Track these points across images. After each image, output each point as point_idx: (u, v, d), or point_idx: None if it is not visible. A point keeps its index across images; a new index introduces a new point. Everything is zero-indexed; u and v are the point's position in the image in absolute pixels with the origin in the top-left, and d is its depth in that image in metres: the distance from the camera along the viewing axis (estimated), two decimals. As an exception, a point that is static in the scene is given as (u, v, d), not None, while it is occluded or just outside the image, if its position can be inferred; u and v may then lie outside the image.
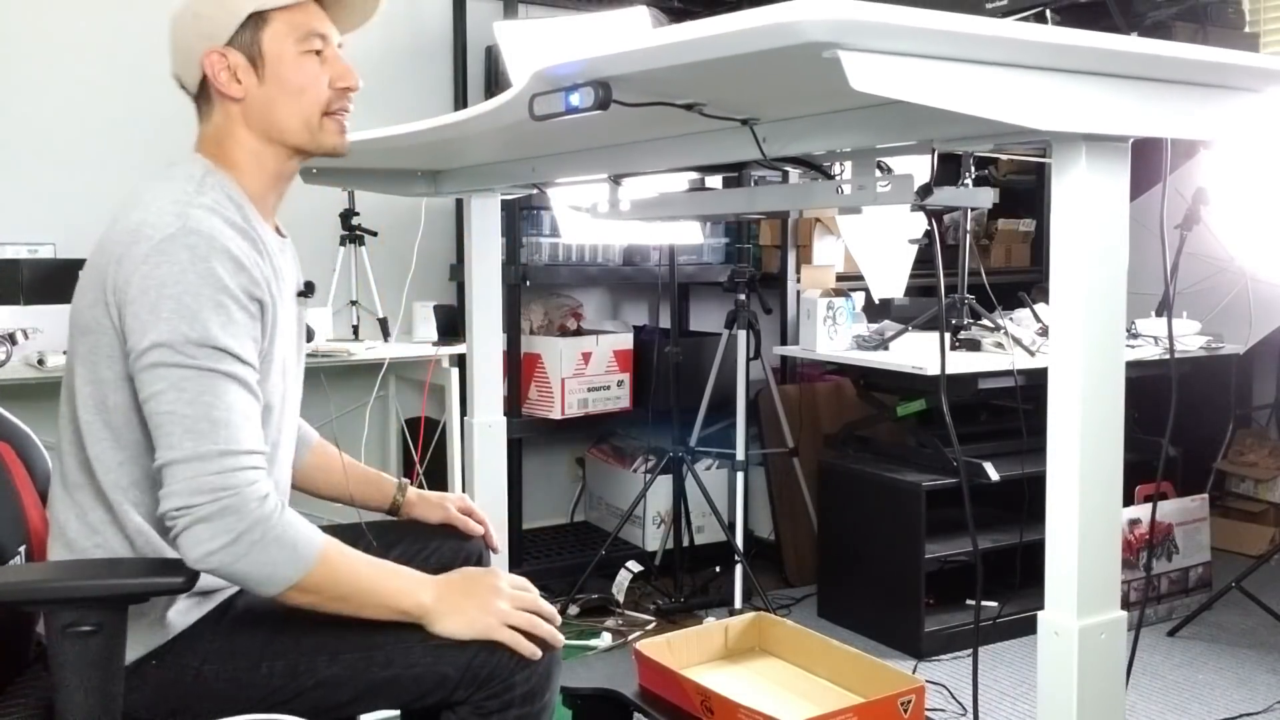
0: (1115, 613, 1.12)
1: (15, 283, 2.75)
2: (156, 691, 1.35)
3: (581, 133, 1.53)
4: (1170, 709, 2.60)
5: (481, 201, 2.15)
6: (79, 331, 1.35)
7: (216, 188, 1.39)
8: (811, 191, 1.59)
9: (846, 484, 3.19)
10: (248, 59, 1.41)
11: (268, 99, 1.42)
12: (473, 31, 3.52)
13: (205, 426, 1.25)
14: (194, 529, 1.23)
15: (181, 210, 1.31)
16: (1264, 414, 4.03)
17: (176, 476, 1.24)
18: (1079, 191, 1.08)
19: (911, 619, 2.92)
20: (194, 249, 1.28)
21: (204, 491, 1.23)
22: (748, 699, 1.85)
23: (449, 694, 1.38)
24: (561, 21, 1.89)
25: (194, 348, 1.26)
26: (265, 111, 1.42)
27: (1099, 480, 1.10)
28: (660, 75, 1.09)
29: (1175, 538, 3.20)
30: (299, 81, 1.42)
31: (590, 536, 3.67)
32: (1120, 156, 1.09)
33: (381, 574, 1.38)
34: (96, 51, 3.05)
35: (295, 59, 1.42)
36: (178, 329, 1.26)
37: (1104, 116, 1.05)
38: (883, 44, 0.90)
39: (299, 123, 1.43)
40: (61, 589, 1.21)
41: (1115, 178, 1.09)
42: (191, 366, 1.26)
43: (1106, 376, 1.11)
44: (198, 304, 1.27)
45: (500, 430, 2.20)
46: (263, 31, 1.41)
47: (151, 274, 1.27)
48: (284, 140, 1.44)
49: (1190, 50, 1.06)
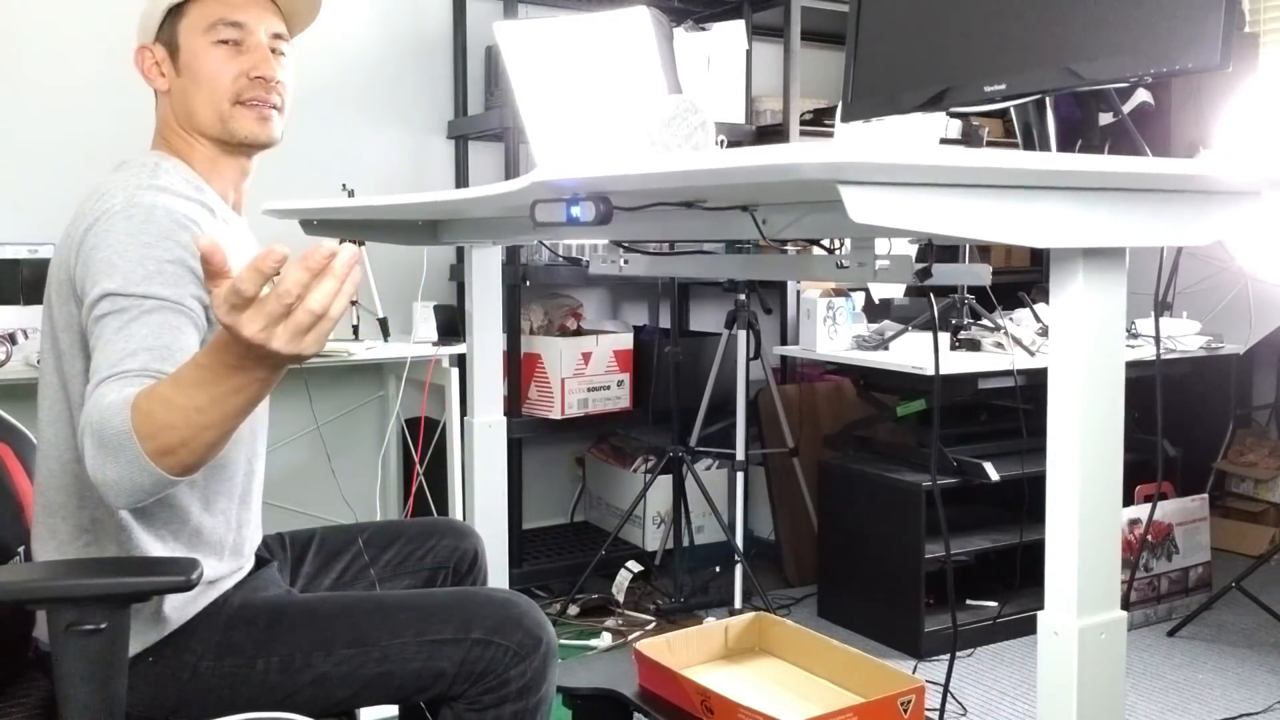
0: (1115, 613, 1.12)
1: (15, 283, 2.76)
2: (154, 689, 1.35)
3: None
4: (1170, 709, 2.60)
5: (482, 251, 2.16)
6: (60, 328, 1.36)
7: (172, 172, 1.43)
8: (811, 265, 1.64)
9: (846, 484, 3.19)
10: (168, 51, 1.47)
11: (183, 90, 1.47)
12: (473, 31, 3.52)
13: (99, 360, 1.22)
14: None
15: (131, 192, 1.34)
16: (1264, 414, 4.04)
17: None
18: (1078, 302, 1.08)
19: (911, 619, 2.92)
20: (131, 218, 1.31)
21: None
22: (748, 699, 1.85)
23: (445, 689, 1.39)
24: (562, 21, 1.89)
25: (121, 298, 1.25)
26: (182, 103, 1.48)
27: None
28: (662, 188, 1.11)
29: (1175, 538, 3.20)
30: (206, 71, 1.46)
31: (590, 536, 3.67)
32: (1117, 263, 1.10)
33: (185, 392, 1.13)
34: (97, 51, 3.05)
35: (205, 49, 1.46)
36: (112, 280, 1.26)
37: (1102, 231, 1.05)
38: (881, 178, 0.92)
39: (210, 112, 1.46)
40: (64, 588, 1.21)
41: (1113, 283, 1.10)
42: (114, 312, 1.25)
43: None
44: (125, 260, 1.27)
45: (500, 430, 2.20)
46: (179, 24, 1.47)
47: (97, 244, 1.29)
48: (201, 131, 1.48)
49: (1189, 165, 1.06)
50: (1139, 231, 1.08)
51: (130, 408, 1.12)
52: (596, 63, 1.87)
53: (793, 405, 3.54)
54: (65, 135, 3.03)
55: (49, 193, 2.97)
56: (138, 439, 1.11)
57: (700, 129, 1.74)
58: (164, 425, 1.11)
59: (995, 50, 1.38)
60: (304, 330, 1.03)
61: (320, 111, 3.32)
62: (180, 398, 1.11)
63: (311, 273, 1.02)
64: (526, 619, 1.43)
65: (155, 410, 1.11)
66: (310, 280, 1.02)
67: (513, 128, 3.14)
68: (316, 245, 1.02)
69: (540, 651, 1.42)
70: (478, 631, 1.40)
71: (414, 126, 3.54)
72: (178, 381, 1.12)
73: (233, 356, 1.08)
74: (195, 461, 1.14)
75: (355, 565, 1.70)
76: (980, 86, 1.38)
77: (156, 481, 1.13)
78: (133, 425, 1.11)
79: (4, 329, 2.63)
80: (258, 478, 1.54)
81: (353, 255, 1.04)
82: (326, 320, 1.04)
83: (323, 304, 1.03)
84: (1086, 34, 1.27)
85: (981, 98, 1.38)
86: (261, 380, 1.11)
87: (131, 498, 1.14)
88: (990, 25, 1.38)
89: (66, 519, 1.37)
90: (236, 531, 1.47)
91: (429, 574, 1.73)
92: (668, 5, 3.55)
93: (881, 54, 1.52)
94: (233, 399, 1.11)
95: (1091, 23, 1.27)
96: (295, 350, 1.04)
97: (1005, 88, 1.35)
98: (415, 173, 3.55)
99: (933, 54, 1.45)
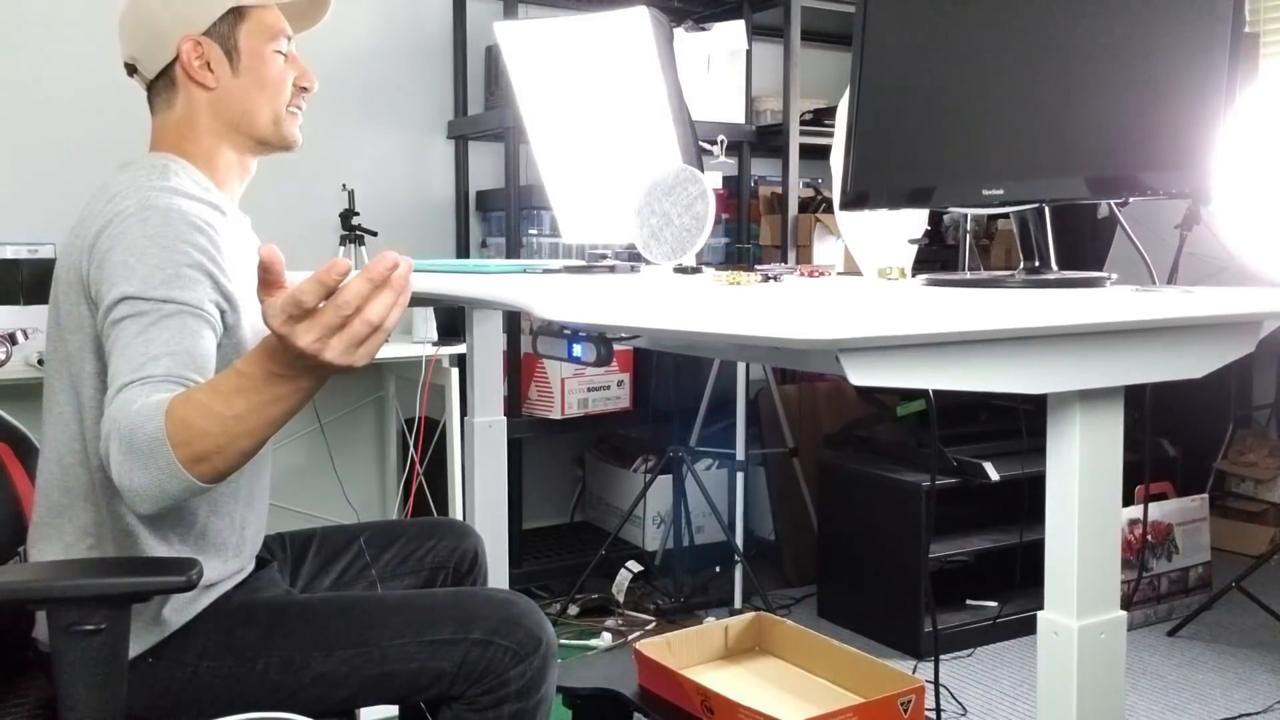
0: (1115, 613, 1.12)
1: (15, 283, 2.76)
2: (154, 689, 1.35)
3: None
4: (1170, 709, 2.60)
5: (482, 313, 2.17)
6: (68, 329, 1.35)
7: (181, 173, 1.43)
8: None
9: (846, 484, 3.19)
10: (224, 50, 1.48)
11: (242, 91, 1.48)
12: (473, 31, 3.52)
13: (120, 364, 1.22)
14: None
15: (145, 194, 1.34)
16: (1264, 414, 4.03)
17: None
18: (1075, 441, 1.09)
19: (911, 619, 2.92)
20: (146, 220, 1.30)
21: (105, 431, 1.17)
22: (748, 699, 1.85)
23: (445, 689, 1.39)
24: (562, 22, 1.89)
25: (140, 301, 1.25)
26: (237, 103, 1.49)
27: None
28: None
29: (1175, 538, 3.20)
30: (274, 78, 1.51)
31: (590, 536, 3.67)
32: (1114, 401, 1.11)
33: (225, 399, 1.12)
34: (98, 51, 3.05)
35: (270, 56, 1.50)
36: (130, 284, 1.25)
37: (1098, 373, 1.06)
38: (879, 345, 0.94)
39: (269, 115, 1.51)
40: (65, 588, 1.21)
41: (1110, 420, 1.11)
42: (133, 315, 1.24)
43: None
44: (143, 264, 1.27)
45: (500, 430, 2.20)
46: (239, 27, 1.48)
47: (112, 246, 1.29)
48: (251, 131, 1.50)
49: (1190, 305, 1.08)
50: (1136, 370, 1.09)
51: (164, 414, 1.12)
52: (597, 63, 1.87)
53: (793, 405, 3.54)
54: (65, 135, 3.03)
55: (49, 193, 2.97)
56: (170, 445, 1.11)
57: (700, 199, 1.76)
58: (200, 432, 1.11)
59: (995, 154, 1.39)
60: (359, 341, 1.04)
61: (320, 111, 3.32)
62: (219, 404, 1.11)
63: (374, 284, 1.02)
64: (526, 619, 1.43)
65: (192, 417, 1.11)
66: (371, 292, 1.02)
67: (513, 128, 3.14)
68: (379, 257, 1.03)
69: (540, 652, 1.42)
70: (477, 632, 1.40)
71: (414, 126, 3.54)
72: (215, 389, 1.12)
73: (279, 365, 1.08)
74: (227, 470, 1.14)
75: (355, 565, 1.71)
76: (978, 189, 1.39)
77: (185, 488, 1.13)
78: (166, 432, 1.11)
79: (4, 329, 2.64)
80: (263, 479, 1.54)
81: (408, 267, 1.05)
82: (381, 332, 1.05)
83: (381, 315, 1.04)
84: (1087, 149, 1.28)
85: (980, 201, 1.39)
86: (305, 390, 1.11)
87: (158, 504, 1.14)
88: (990, 129, 1.39)
89: (70, 520, 1.37)
90: (240, 533, 1.47)
91: (429, 574, 1.73)
92: (668, 5, 3.55)
93: (880, 148, 1.53)
94: (273, 407, 1.11)
95: (1092, 138, 1.28)
96: (348, 361, 1.05)
97: (1003, 193, 1.36)
98: (415, 173, 3.55)
99: (930, 152, 1.46)
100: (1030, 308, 0.99)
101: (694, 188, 1.75)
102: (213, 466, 1.12)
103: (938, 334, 0.94)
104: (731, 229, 3.72)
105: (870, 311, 0.92)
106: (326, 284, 1.01)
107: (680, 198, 1.76)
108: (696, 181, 1.75)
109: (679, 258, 1.79)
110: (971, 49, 1.41)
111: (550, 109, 2.01)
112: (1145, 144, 1.23)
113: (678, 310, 1.00)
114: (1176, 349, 1.12)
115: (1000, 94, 1.38)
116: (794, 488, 3.54)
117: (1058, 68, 1.31)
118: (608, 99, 1.90)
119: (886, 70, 1.53)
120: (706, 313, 0.97)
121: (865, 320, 0.90)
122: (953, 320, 0.94)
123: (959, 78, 1.43)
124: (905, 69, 1.50)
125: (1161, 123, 1.21)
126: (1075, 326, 1.01)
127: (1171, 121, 1.21)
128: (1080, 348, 1.04)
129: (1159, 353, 1.10)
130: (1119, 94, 1.25)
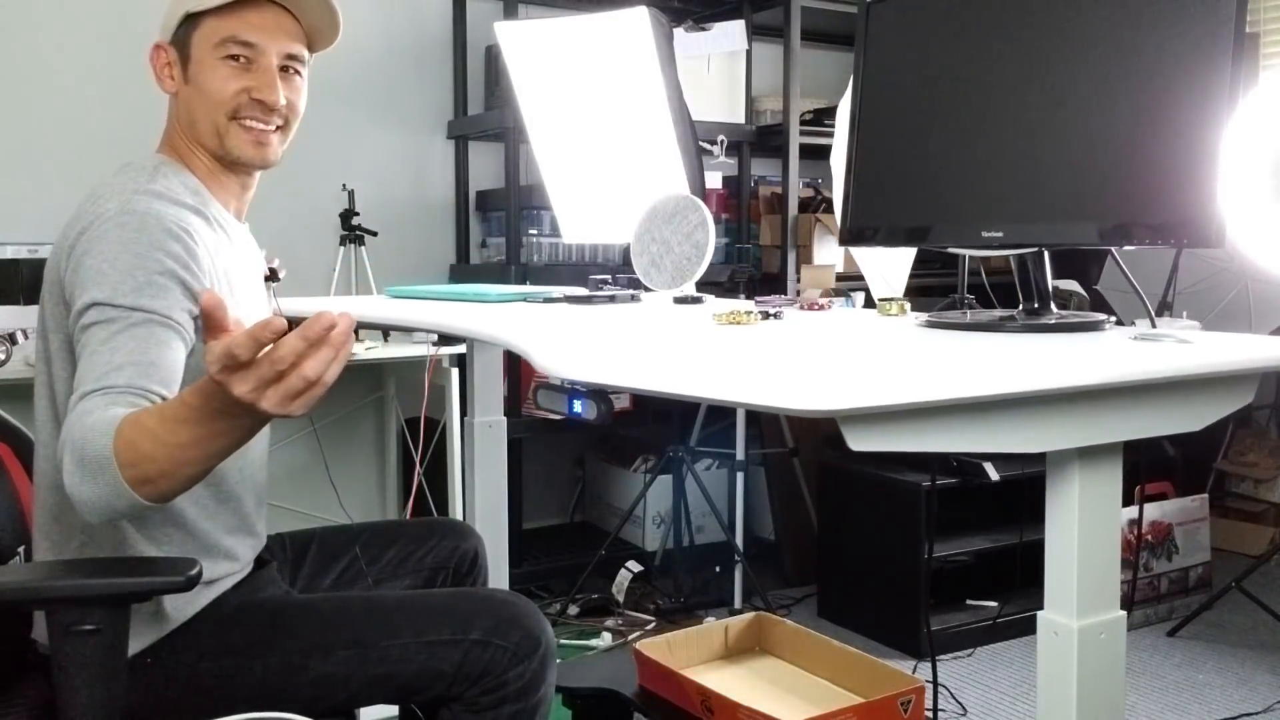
0: (1115, 613, 1.12)
1: (15, 283, 2.76)
2: (153, 689, 1.35)
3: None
4: (1170, 709, 2.60)
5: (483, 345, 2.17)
6: (51, 329, 1.35)
7: (171, 176, 1.42)
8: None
9: (847, 484, 3.19)
10: (180, 56, 1.46)
11: (188, 98, 1.46)
12: (473, 31, 3.52)
13: (84, 371, 1.22)
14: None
15: (127, 198, 1.33)
16: (1264, 414, 4.03)
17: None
18: (1074, 498, 1.10)
19: (911, 619, 2.92)
20: (124, 225, 1.30)
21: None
22: (748, 699, 1.85)
23: (444, 689, 1.39)
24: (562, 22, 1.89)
25: (109, 308, 1.25)
26: (186, 110, 1.47)
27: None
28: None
29: (1175, 538, 3.20)
30: (210, 85, 1.44)
31: (590, 536, 3.67)
32: (1112, 457, 1.11)
33: (170, 428, 1.12)
34: (98, 51, 3.05)
35: (212, 63, 1.44)
36: (101, 290, 1.25)
37: (1096, 430, 1.07)
38: (879, 413, 0.94)
39: (208, 125, 1.45)
40: (64, 588, 1.21)
41: (1108, 475, 1.11)
42: (101, 322, 1.24)
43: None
44: (115, 270, 1.26)
45: (500, 430, 2.20)
46: (194, 32, 1.45)
47: (88, 250, 1.28)
48: (199, 141, 1.47)
49: (1187, 359, 1.08)
50: (1135, 427, 1.09)
51: (114, 432, 1.11)
52: (597, 63, 1.87)
53: (793, 405, 3.54)
54: (66, 135, 3.03)
55: (49, 193, 2.97)
56: (118, 464, 1.10)
57: (700, 227, 1.77)
58: (145, 456, 1.10)
59: (995, 196, 1.39)
60: (295, 395, 1.03)
61: (320, 111, 3.31)
62: (164, 432, 1.10)
63: (308, 343, 1.02)
64: (525, 619, 1.43)
65: (139, 440, 1.11)
66: (307, 349, 1.02)
67: (513, 128, 3.14)
68: (316, 316, 1.02)
69: (539, 652, 1.42)
70: (476, 632, 1.40)
71: (414, 126, 3.54)
72: (163, 416, 1.12)
73: (220, 403, 1.07)
74: (173, 492, 1.14)
75: (355, 566, 1.70)
76: (978, 231, 1.39)
77: (132, 505, 1.12)
78: (114, 451, 1.10)
79: (4, 329, 2.63)
80: (253, 480, 1.53)
81: (348, 324, 1.04)
82: (319, 386, 1.04)
83: (317, 372, 1.03)
84: (1089, 193, 1.29)
85: (979, 242, 1.40)
86: (247, 428, 1.11)
87: (104, 516, 1.14)
88: (990, 170, 1.39)
89: (60, 519, 1.37)
90: (232, 534, 1.46)
91: (429, 574, 1.73)
92: (668, 5, 3.54)
93: (880, 185, 1.54)
94: (216, 440, 1.11)
95: (1094, 182, 1.28)
96: (284, 411, 1.04)
97: (1003, 235, 1.37)
98: (415, 173, 3.55)
99: (930, 192, 1.47)
100: (1029, 364, 1.00)
101: (694, 216, 1.76)
102: (158, 489, 1.12)
103: (937, 401, 0.94)
104: (732, 229, 3.72)
105: (870, 372, 0.93)
106: (260, 340, 1.00)
107: (680, 226, 1.77)
108: (697, 209, 1.75)
109: (678, 286, 1.79)
110: (972, 88, 1.42)
111: (550, 109, 2.01)
112: (1148, 189, 1.23)
113: (679, 371, 0.99)
114: (1175, 404, 1.12)
115: (1000, 134, 1.38)
116: (794, 488, 3.54)
117: (1059, 110, 1.32)
118: (608, 99, 1.90)
119: (887, 108, 1.53)
120: (708, 375, 0.97)
121: (865, 386, 0.90)
122: (952, 385, 0.94)
123: (959, 116, 1.43)
124: (905, 107, 1.51)
125: (1164, 167, 1.22)
126: (1074, 388, 1.01)
127: (1174, 166, 1.21)
128: (1079, 407, 1.05)
129: (1157, 409, 1.11)
130: (1121, 138, 1.26)
